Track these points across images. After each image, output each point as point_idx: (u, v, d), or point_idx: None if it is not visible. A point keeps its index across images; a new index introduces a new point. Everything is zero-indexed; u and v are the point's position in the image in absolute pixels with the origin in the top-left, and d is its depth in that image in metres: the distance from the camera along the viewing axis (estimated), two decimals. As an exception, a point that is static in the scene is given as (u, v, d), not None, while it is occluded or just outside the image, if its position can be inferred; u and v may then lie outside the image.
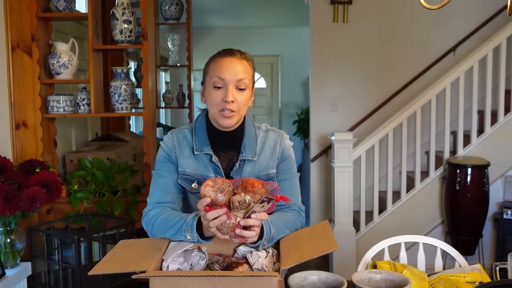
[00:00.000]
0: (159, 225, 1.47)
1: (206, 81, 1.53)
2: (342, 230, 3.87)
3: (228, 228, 1.27)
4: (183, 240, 1.41)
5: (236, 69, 1.48)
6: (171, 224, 1.44)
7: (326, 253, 1.22)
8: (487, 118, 3.96)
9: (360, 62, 4.69)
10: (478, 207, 3.77)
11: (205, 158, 1.56)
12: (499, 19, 4.50)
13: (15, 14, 2.62)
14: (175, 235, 1.42)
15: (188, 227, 1.39)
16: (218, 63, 1.50)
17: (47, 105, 2.76)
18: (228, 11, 6.86)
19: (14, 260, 2.26)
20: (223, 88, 1.48)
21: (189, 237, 1.39)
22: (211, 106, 1.51)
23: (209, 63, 1.54)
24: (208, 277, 1.14)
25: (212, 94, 1.49)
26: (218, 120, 1.51)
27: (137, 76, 4.39)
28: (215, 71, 1.49)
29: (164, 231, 1.45)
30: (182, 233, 1.40)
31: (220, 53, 1.53)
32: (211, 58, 1.55)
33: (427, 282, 1.57)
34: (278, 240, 1.45)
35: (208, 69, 1.53)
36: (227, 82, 1.48)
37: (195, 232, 1.38)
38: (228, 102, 1.47)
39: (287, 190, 1.61)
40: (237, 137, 1.58)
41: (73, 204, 2.69)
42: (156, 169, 1.60)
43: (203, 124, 1.59)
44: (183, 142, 1.59)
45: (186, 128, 1.62)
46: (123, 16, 2.72)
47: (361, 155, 3.99)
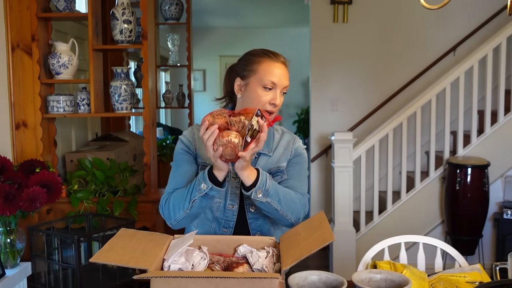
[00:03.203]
0: (175, 197, 1.55)
1: (252, 78, 1.59)
2: (342, 230, 3.87)
3: (223, 146, 1.38)
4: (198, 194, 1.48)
5: (285, 76, 1.60)
6: (185, 190, 1.53)
7: (324, 246, 1.22)
8: (487, 118, 3.96)
9: (360, 62, 4.69)
10: (478, 207, 3.77)
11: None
12: (499, 19, 4.50)
13: (15, 14, 2.62)
14: (192, 194, 1.50)
15: (200, 179, 1.48)
16: (271, 66, 1.58)
17: (47, 105, 2.76)
18: (228, 11, 6.87)
19: (14, 260, 2.26)
20: (271, 90, 1.58)
21: (204, 187, 1.47)
22: (254, 103, 1.57)
23: (259, 62, 1.59)
24: (209, 278, 1.15)
25: (260, 93, 1.57)
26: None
27: (137, 76, 4.39)
28: (269, 74, 1.56)
29: (180, 200, 1.53)
30: (197, 188, 1.49)
31: (270, 56, 1.60)
32: (259, 57, 1.60)
33: (427, 282, 1.57)
34: (277, 239, 1.45)
35: (258, 68, 1.58)
36: (277, 87, 1.58)
37: (207, 180, 1.47)
38: (276, 105, 1.59)
39: (295, 177, 1.68)
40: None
41: (73, 204, 2.69)
42: (175, 160, 1.66)
43: None
44: None
45: None
46: (123, 16, 2.72)
47: (361, 155, 3.99)
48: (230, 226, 1.64)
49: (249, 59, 1.61)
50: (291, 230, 1.47)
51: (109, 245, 1.31)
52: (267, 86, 1.57)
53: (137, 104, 4.23)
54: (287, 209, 1.55)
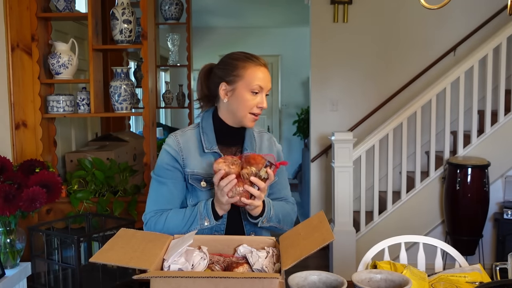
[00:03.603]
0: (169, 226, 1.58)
1: (239, 83, 1.61)
2: (342, 230, 3.87)
3: (239, 194, 1.51)
4: (199, 227, 1.56)
5: (269, 79, 1.65)
6: (181, 219, 1.58)
7: (323, 246, 1.22)
8: (487, 118, 3.96)
9: (360, 62, 4.69)
10: (478, 207, 3.77)
11: (212, 157, 1.64)
12: (499, 19, 4.50)
13: (15, 14, 2.62)
14: (192, 225, 1.57)
15: (204, 215, 1.56)
16: (257, 71, 1.61)
17: (47, 105, 2.76)
18: (228, 11, 6.86)
19: (14, 260, 2.26)
20: (258, 94, 1.62)
21: (207, 223, 1.56)
22: (242, 107, 1.61)
23: (244, 68, 1.61)
24: (209, 278, 1.14)
25: (248, 98, 1.61)
26: (244, 121, 1.64)
27: (137, 76, 4.39)
28: (257, 79, 1.60)
29: (175, 227, 1.57)
30: (198, 222, 1.57)
31: (254, 61, 1.63)
32: (244, 62, 1.62)
33: (427, 282, 1.57)
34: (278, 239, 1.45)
35: (244, 73, 1.60)
36: (263, 90, 1.63)
37: (212, 218, 1.56)
38: (263, 108, 1.63)
39: (283, 184, 1.80)
40: (241, 134, 1.71)
41: (73, 204, 2.69)
42: (159, 175, 1.64)
43: (211, 123, 1.68)
44: (189, 143, 1.65)
45: (188, 130, 1.69)
46: (123, 16, 2.72)
47: (361, 155, 3.99)
48: (222, 229, 1.65)
49: (234, 64, 1.62)
50: (291, 230, 1.47)
51: (109, 245, 1.31)
52: (254, 90, 1.60)
53: (137, 104, 4.23)
54: (284, 224, 1.69)
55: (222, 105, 1.66)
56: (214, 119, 1.68)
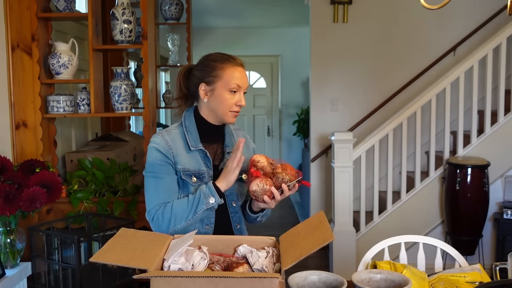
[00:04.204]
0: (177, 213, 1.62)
1: (218, 84, 1.68)
2: (342, 230, 3.87)
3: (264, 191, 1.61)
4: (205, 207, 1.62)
5: (246, 77, 1.73)
6: (186, 203, 1.63)
7: (323, 245, 1.22)
8: (487, 118, 3.96)
9: (360, 62, 4.69)
10: (478, 207, 3.77)
11: (197, 154, 1.72)
12: (499, 19, 4.50)
13: (15, 14, 2.62)
14: (198, 207, 1.61)
15: (207, 194, 1.62)
16: (234, 71, 1.68)
17: (47, 105, 2.76)
18: (228, 11, 6.86)
19: (14, 260, 2.26)
20: (236, 93, 1.69)
21: (212, 201, 1.61)
22: (223, 106, 1.69)
23: (222, 68, 1.68)
24: (209, 278, 1.15)
25: (227, 97, 1.68)
26: (225, 118, 1.71)
27: (137, 76, 4.39)
28: (234, 78, 1.67)
29: (183, 212, 1.62)
30: (203, 202, 1.61)
31: (231, 61, 1.70)
32: (221, 63, 1.68)
33: (427, 282, 1.57)
34: (278, 239, 1.46)
35: (223, 74, 1.67)
36: (241, 89, 1.70)
37: (217, 195, 1.62)
38: (241, 105, 1.71)
39: None
40: (221, 131, 1.79)
41: (73, 204, 2.69)
42: (154, 172, 1.68)
43: (193, 122, 1.74)
44: (175, 142, 1.71)
45: (173, 130, 1.74)
46: (123, 16, 2.72)
47: (361, 155, 3.99)
48: (212, 222, 1.73)
49: (212, 65, 1.69)
50: (291, 229, 1.47)
51: (109, 245, 1.31)
52: (233, 90, 1.68)
53: (137, 104, 4.23)
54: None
55: (203, 104, 1.73)
56: (196, 118, 1.75)
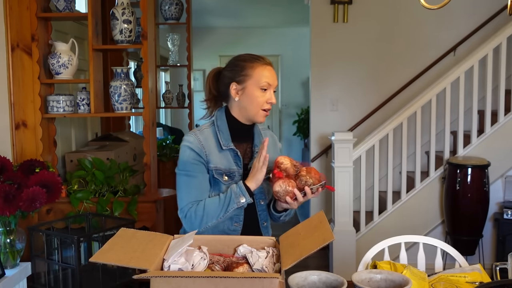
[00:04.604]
0: (209, 211, 1.68)
1: (249, 82, 1.73)
2: (342, 230, 3.87)
3: (287, 193, 1.65)
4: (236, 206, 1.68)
5: (275, 76, 1.78)
6: (217, 201, 1.68)
7: (323, 245, 1.22)
8: (487, 118, 3.96)
9: (360, 62, 4.69)
10: (478, 207, 3.77)
11: (228, 153, 1.76)
12: (499, 19, 4.50)
13: (15, 14, 2.62)
14: (229, 205, 1.67)
15: (238, 193, 1.68)
16: (264, 70, 1.74)
17: (47, 105, 2.76)
18: (228, 11, 6.86)
19: (14, 260, 2.26)
20: (266, 91, 1.74)
21: (243, 200, 1.67)
22: (254, 104, 1.73)
23: (252, 67, 1.73)
24: (209, 278, 1.14)
25: (258, 94, 1.73)
26: (256, 117, 1.76)
27: (137, 76, 4.39)
28: (264, 77, 1.73)
29: (215, 211, 1.68)
30: (235, 201, 1.67)
31: (260, 60, 1.75)
32: (251, 62, 1.74)
33: (427, 282, 1.57)
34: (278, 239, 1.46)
35: (253, 73, 1.73)
36: (271, 87, 1.75)
37: (247, 195, 1.67)
38: (272, 103, 1.75)
39: None
40: (250, 131, 1.84)
41: (73, 204, 2.69)
42: (187, 170, 1.73)
43: (225, 121, 1.79)
44: (208, 141, 1.75)
45: (205, 129, 1.79)
46: (123, 16, 2.72)
47: (361, 155, 3.99)
48: (240, 220, 1.77)
49: (242, 65, 1.75)
50: (291, 230, 1.47)
51: (109, 245, 1.31)
52: (263, 88, 1.72)
53: (137, 104, 4.23)
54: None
55: (234, 104, 1.78)
56: (227, 117, 1.79)
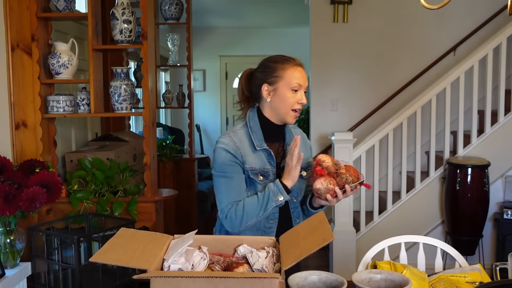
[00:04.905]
0: (248, 211, 1.72)
1: (280, 83, 1.77)
2: (342, 230, 3.87)
3: (327, 190, 1.71)
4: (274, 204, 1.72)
5: (306, 77, 1.81)
6: (256, 201, 1.73)
7: (323, 245, 1.22)
8: (487, 118, 3.96)
9: (360, 62, 4.69)
10: (478, 207, 3.76)
11: (262, 153, 1.80)
12: (499, 19, 4.50)
13: (15, 14, 2.62)
14: (268, 204, 1.72)
15: (276, 192, 1.72)
16: (295, 71, 1.77)
17: (47, 105, 2.76)
18: (228, 11, 6.86)
19: (14, 260, 2.26)
20: (297, 91, 1.77)
21: (281, 199, 1.72)
22: (285, 105, 1.77)
23: (284, 69, 1.77)
24: (209, 278, 1.14)
25: (289, 95, 1.77)
26: (286, 117, 1.80)
27: (137, 76, 4.39)
28: (295, 78, 1.76)
29: (254, 210, 1.72)
30: (273, 199, 1.72)
31: (291, 61, 1.78)
32: (282, 64, 1.77)
33: (427, 282, 1.57)
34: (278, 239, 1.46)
35: (284, 74, 1.76)
36: (302, 88, 1.78)
37: (285, 193, 1.72)
38: (303, 103, 1.79)
39: None
40: (282, 131, 1.88)
41: (73, 204, 2.69)
42: (224, 172, 1.76)
43: (257, 122, 1.82)
44: (242, 142, 1.79)
45: (238, 130, 1.83)
46: (123, 16, 2.72)
47: (361, 155, 3.99)
48: (276, 217, 1.82)
49: (273, 66, 1.78)
50: (291, 230, 1.47)
51: (109, 245, 1.30)
52: (294, 88, 1.76)
53: (137, 104, 4.23)
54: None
55: (266, 105, 1.81)
56: (259, 118, 1.83)
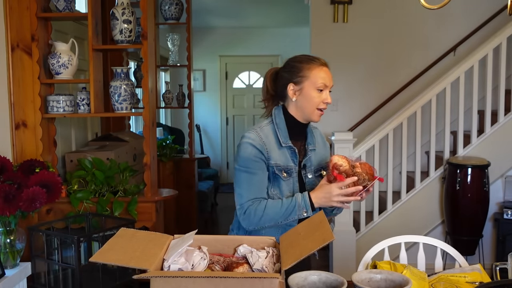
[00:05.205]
0: (268, 213, 1.73)
1: (306, 83, 1.79)
2: (342, 230, 3.87)
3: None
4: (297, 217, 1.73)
5: (331, 77, 1.83)
6: (279, 208, 1.73)
7: (323, 245, 1.22)
8: (487, 118, 3.96)
9: (360, 62, 4.69)
10: (478, 207, 3.77)
11: (286, 150, 1.81)
12: (499, 19, 4.50)
13: (15, 14, 2.62)
14: (290, 215, 1.73)
15: (302, 206, 1.73)
16: (321, 71, 1.79)
17: (47, 105, 2.76)
18: (228, 11, 6.86)
19: (14, 260, 2.26)
20: (323, 91, 1.79)
21: (305, 214, 1.72)
22: (311, 104, 1.79)
23: (309, 69, 1.79)
24: (209, 278, 1.14)
25: (314, 95, 1.78)
26: (311, 116, 1.82)
27: (137, 76, 4.39)
28: (321, 78, 1.78)
29: (274, 216, 1.73)
30: (297, 212, 1.73)
31: (316, 61, 1.80)
32: (308, 64, 1.79)
33: (427, 282, 1.57)
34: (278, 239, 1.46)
35: (310, 74, 1.78)
36: (327, 87, 1.80)
37: (310, 209, 1.72)
38: (328, 103, 1.81)
39: None
40: (305, 129, 1.89)
41: (73, 204, 2.69)
42: (247, 167, 1.76)
43: (283, 119, 1.84)
44: (268, 138, 1.80)
45: (264, 126, 1.83)
46: (123, 16, 2.72)
47: (361, 155, 3.99)
48: (296, 219, 1.78)
49: (299, 66, 1.80)
50: (291, 229, 1.47)
51: (109, 245, 1.30)
52: (319, 88, 1.78)
53: (137, 104, 4.23)
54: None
55: (291, 104, 1.83)
56: (284, 116, 1.84)
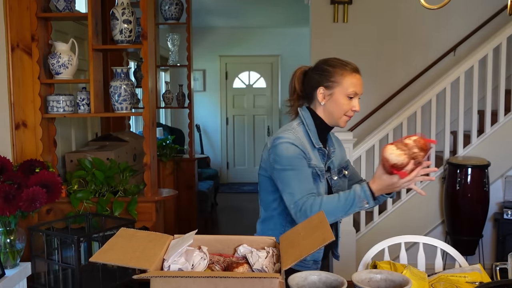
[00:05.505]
0: (327, 209, 1.67)
1: (337, 89, 1.78)
2: (342, 230, 3.82)
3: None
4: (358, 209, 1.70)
5: (362, 84, 1.83)
6: (337, 202, 1.69)
7: (323, 245, 1.22)
8: (487, 118, 3.96)
9: (360, 62, 4.61)
10: (478, 207, 3.77)
11: (317, 151, 1.82)
12: (499, 19, 4.50)
13: (15, 14, 2.62)
14: (351, 208, 1.68)
15: (362, 197, 1.67)
16: (353, 78, 1.79)
17: (47, 105, 2.76)
18: (228, 11, 6.86)
19: (14, 260, 2.26)
20: (352, 99, 1.79)
21: (366, 205, 1.68)
22: (339, 110, 1.79)
23: (342, 75, 1.78)
24: (209, 278, 1.14)
25: (344, 102, 1.78)
26: (338, 121, 1.82)
27: (137, 76, 4.39)
28: (353, 85, 1.78)
29: (334, 210, 1.69)
30: (358, 205, 1.68)
31: (349, 68, 1.80)
32: (341, 69, 1.79)
33: (427, 282, 1.57)
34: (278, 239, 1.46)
35: (342, 80, 1.78)
36: (357, 95, 1.81)
37: (371, 200, 1.67)
38: (356, 111, 1.81)
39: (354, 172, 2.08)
40: (328, 132, 1.91)
41: (73, 204, 2.69)
42: (292, 165, 1.74)
43: (312, 121, 1.84)
44: (304, 139, 1.80)
45: (296, 127, 1.83)
46: (123, 16, 2.72)
47: (361, 155, 3.99)
48: None
49: (331, 71, 1.80)
50: (291, 229, 1.47)
51: (109, 245, 1.30)
52: (350, 96, 1.78)
53: (137, 104, 4.23)
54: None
55: (319, 107, 1.83)
56: (313, 118, 1.84)
